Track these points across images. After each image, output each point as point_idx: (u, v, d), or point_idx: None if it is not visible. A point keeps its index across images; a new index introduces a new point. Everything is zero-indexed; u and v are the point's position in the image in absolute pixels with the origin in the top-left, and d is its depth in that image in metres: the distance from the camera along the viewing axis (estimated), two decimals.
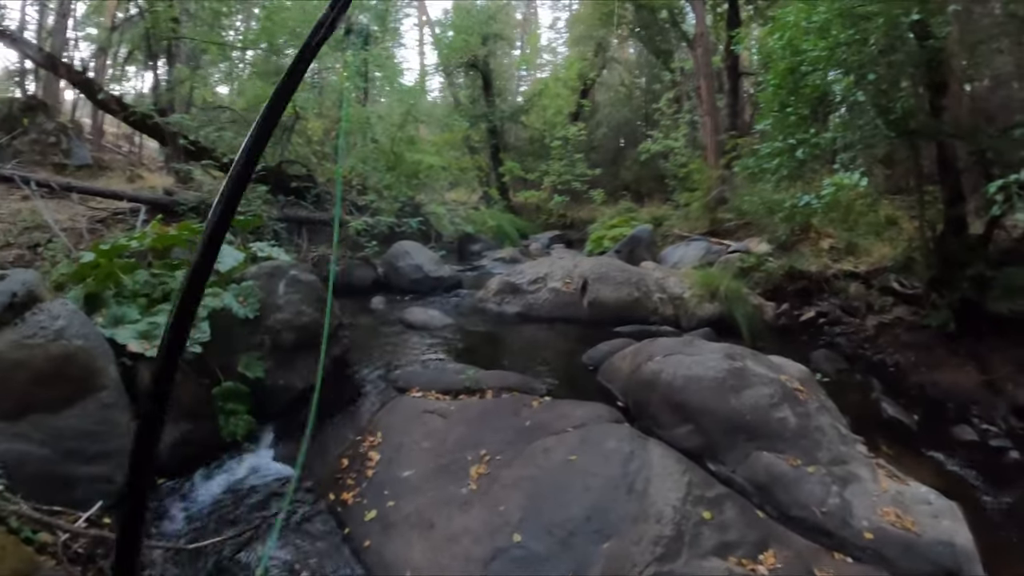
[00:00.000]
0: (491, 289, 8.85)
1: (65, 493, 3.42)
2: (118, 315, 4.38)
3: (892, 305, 7.58)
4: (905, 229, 7.89)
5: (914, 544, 3.56)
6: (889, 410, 5.79)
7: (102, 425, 3.84)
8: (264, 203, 9.75)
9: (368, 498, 3.93)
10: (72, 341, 3.80)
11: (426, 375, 5.54)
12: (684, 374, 4.84)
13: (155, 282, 4.88)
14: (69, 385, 3.76)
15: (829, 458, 4.23)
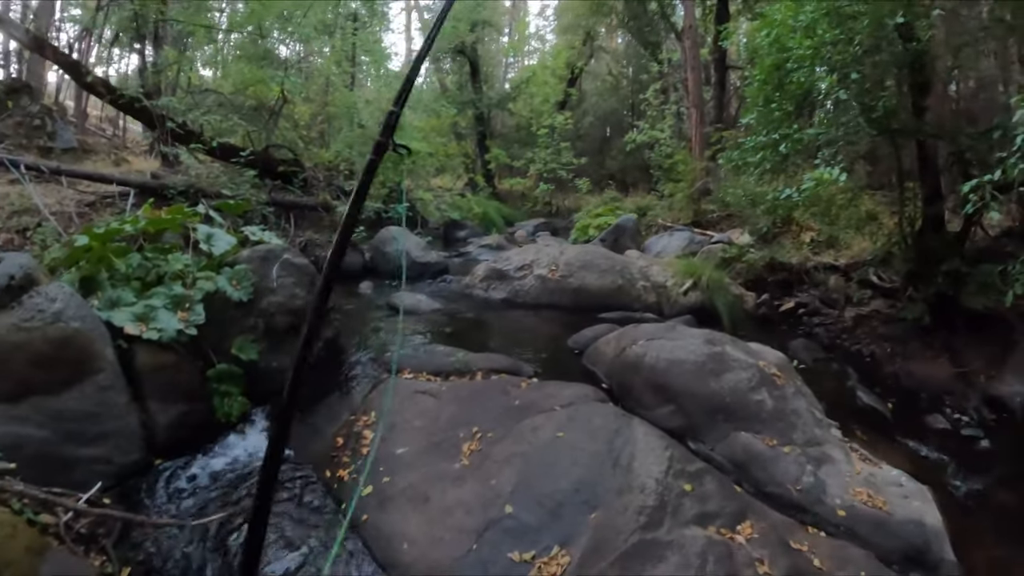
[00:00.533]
0: (478, 275, 8.98)
1: (64, 475, 3.47)
2: (113, 298, 4.44)
3: (870, 298, 7.76)
4: (885, 224, 8.06)
5: (885, 522, 3.78)
6: (864, 398, 6.00)
7: (100, 407, 3.91)
8: (252, 187, 9.75)
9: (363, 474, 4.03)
10: (70, 323, 3.87)
11: (417, 357, 5.67)
12: (667, 358, 5.07)
13: (148, 265, 4.95)
14: (67, 367, 3.83)
15: (804, 440, 4.48)
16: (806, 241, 9.47)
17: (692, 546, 3.18)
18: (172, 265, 4.98)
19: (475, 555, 3.26)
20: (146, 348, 4.30)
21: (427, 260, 10.12)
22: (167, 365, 4.39)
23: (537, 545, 3.26)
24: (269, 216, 9.52)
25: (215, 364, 4.75)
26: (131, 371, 4.22)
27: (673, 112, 16.94)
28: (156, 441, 4.19)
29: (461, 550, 3.29)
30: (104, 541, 3.25)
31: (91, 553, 3.17)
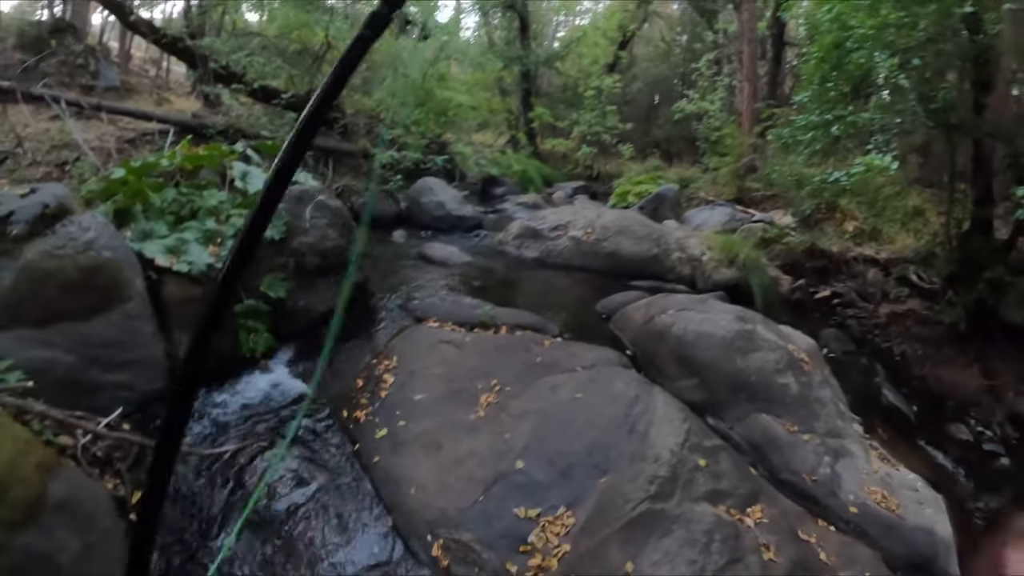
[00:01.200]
0: (511, 232, 8.89)
1: (88, 399, 3.53)
2: (147, 230, 4.50)
3: (907, 296, 7.56)
4: (931, 222, 7.78)
5: (896, 526, 3.70)
6: (890, 397, 5.85)
7: (127, 335, 3.97)
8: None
9: (380, 417, 4.09)
10: (101, 252, 3.92)
11: (443, 307, 5.66)
12: (695, 330, 4.96)
13: (183, 200, 4.97)
14: (97, 295, 3.88)
15: (825, 430, 4.38)
16: (849, 230, 9.17)
17: (700, 523, 3.13)
18: (207, 201, 4.99)
19: (481, 507, 3.27)
20: (175, 280, 4.35)
21: (462, 213, 10.05)
22: (195, 298, 4.41)
23: (544, 503, 3.25)
24: (308, 160, 9.50)
25: (243, 300, 4.78)
26: (159, 302, 4.28)
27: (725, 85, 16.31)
28: (176, 371, 4.18)
29: (468, 500, 3.31)
30: (119, 465, 3.31)
31: (106, 476, 3.23)
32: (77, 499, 2.73)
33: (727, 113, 15.07)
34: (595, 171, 17.70)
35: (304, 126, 1.19)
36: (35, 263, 3.69)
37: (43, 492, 2.57)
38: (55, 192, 4.04)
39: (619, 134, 17.41)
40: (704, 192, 12.73)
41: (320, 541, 3.32)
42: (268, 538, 3.30)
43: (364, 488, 3.68)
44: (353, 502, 3.59)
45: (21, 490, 2.50)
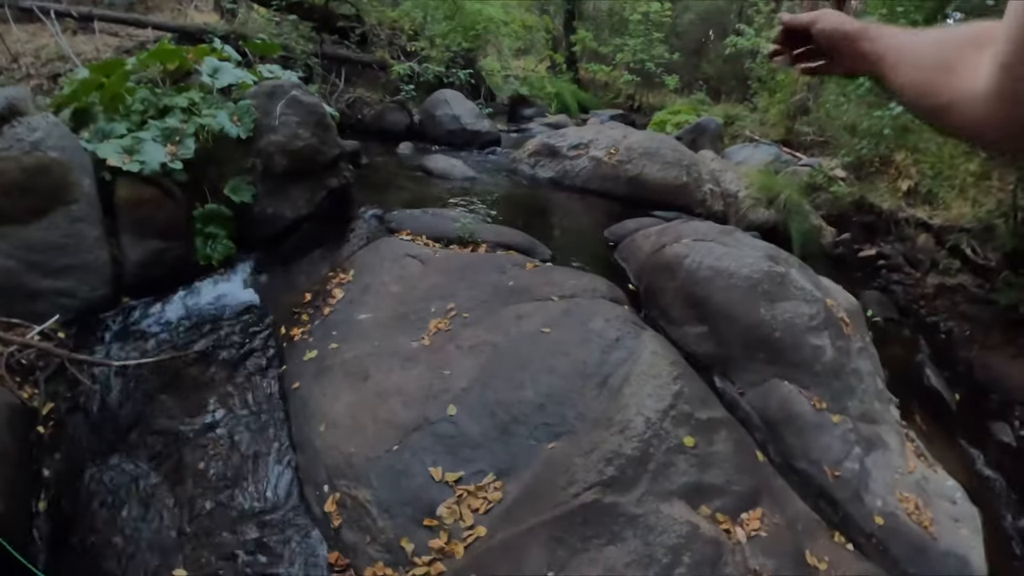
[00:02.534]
0: (527, 149, 7.99)
1: (27, 305, 3.45)
2: (105, 130, 4.22)
3: (958, 269, 6.85)
4: (993, 191, 7.00)
5: (926, 548, 2.96)
6: (931, 379, 5.15)
7: (70, 238, 3.78)
8: (303, 38, 9.24)
9: (315, 337, 3.51)
10: (48, 153, 3.71)
11: (422, 219, 4.96)
12: (712, 264, 4.03)
13: (154, 100, 4.60)
14: (40, 197, 3.69)
15: (860, 412, 3.55)
16: (902, 188, 8.31)
17: (666, 532, 2.34)
18: (177, 100, 4.62)
19: (391, 459, 2.59)
20: (128, 181, 4.03)
21: (477, 128, 9.22)
22: (147, 199, 4.13)
23: (469, 466, 2.55)
24: (315, 67, 8.99)
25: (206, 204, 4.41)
26: (110, 205, 4.00)
27: None
28: (125, 277, 3.97)
29: (378, 449, 2.64)
30: (39, 374, 3.17)
31: (24, 386, 3.09)
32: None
33: None
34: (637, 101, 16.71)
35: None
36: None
37: None
38: (7, 95, 3.85)
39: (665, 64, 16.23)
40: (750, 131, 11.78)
41: (212, 474, 2.88)
42: (162, 461, 2.95)
43: (277, 417, 3.12)
44: (262, 433, 3.05)
45: None
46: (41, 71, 7.13)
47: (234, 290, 4.27)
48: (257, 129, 4.71)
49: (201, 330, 3.82)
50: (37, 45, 7.65)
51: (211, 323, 3.89)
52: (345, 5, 10.36)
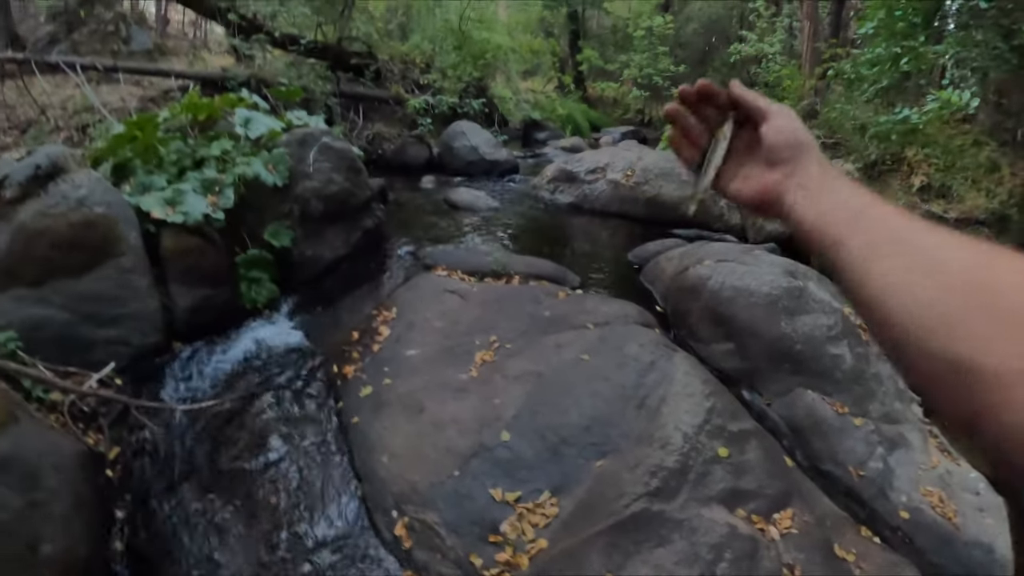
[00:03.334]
0: (546, 176, 8.25)
1: (83, 354, 3.54)
2: (146, 183, 4.38)
3: None
4: (1006, 180, 7.03)
5: (951, 539, 3.09)
6: None
7: (121, 289, 3.89)
8: (320, 79, 9.51)
9: (368, 374, 3.72)
10: (93, 208, 3.86)
11: (455, 254, 5.21)
12: (734, 284, 4.29)
13: (188, 151, 4.82)
14: (89, 251, 3.82)
15: (881, 413, 3.73)
16: (915, 184, 8.32)
17: (708, 533, 2.56)
18: (212, 150, 4.82)
19: (454, 484, 2.83)
20: (172, 232, 4.21)
21: (496, 158, 9.46)
22: (192, 249, 4.30)
23: (526, 485, 2.78)
24: (334, 107, 9.26)
25: (248, 250, 4.61)
26: (156, 255, 4.16)
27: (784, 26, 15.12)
28: (176, 324, 4.13)
29: (441, 475, 2.87)
30: (103, 420, 3.27)
31: (89, 432, 3.19)
32: (22, 456, 2.69)
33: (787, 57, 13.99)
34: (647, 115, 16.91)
35: None
36: (28, 223, 3.67)
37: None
38: (49, 153, 3.99)
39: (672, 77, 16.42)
40: None
41: (284, 506, 3.04)
42: (232, 498, 3.09)
43: (341, 451, 3.33)
44: (326, 466, 3.25)
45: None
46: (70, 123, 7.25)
47: (281, 331, 4.46)
48: (292, 176, 4.94)
49: (254, 371, 3.99)
50: (63, 96, 7.81)
51: (262, 364, 4.06)
52: (357, 43, 10.66)
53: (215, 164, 4.75)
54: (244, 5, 10.04)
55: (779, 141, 0.63)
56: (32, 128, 7.02)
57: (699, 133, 0.73)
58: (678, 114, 0.73)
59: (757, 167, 0.67)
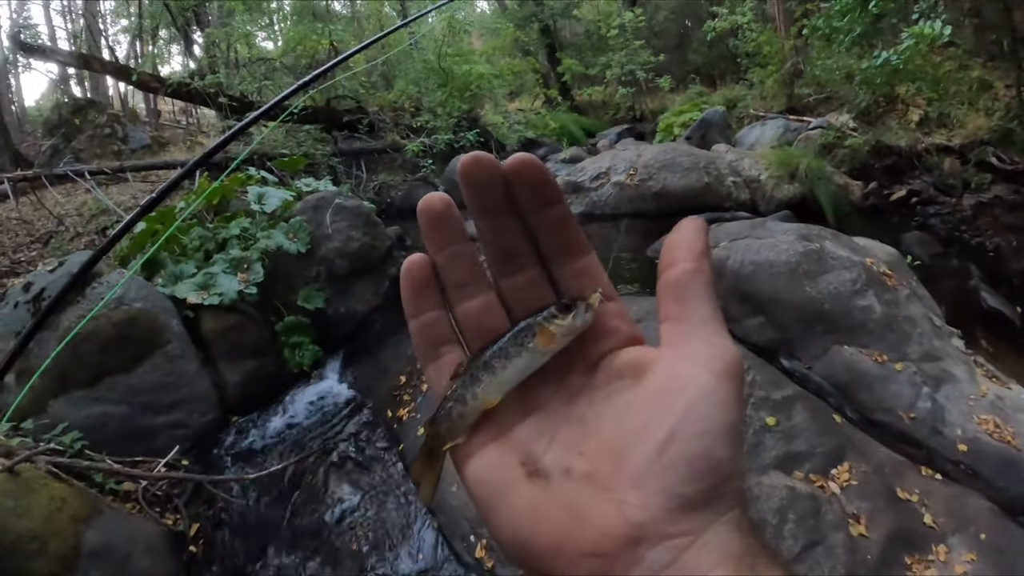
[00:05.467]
0: None
1: (145, 443, 3.72)
2: (176, 273, 4.64)
3: (990, 183, 6.88)
4: (1001, 96, 7.06)
5: (1013, 460, 3.12)
6: (989, 300, 5.19)
7: (172, 376, 4.11)
8: (316, 141, 9.87)
9: (422, 413, 3.88)
10: (133, 305, 4.10)
11: None
12: (752, 260, 4.37)
13: (209, 235, 5.08)
14: (136, 345, 4.05)
15: (920, 354, 3.76)
16: (914, 120, 8.35)
17: (769, 499, 2.65)
18: (232, 230, 5.08)
19: None
20: (211, 313, 4.44)
21: None
22: (232, 326, 4.53)
23: None
24: (337, 166, 9.61)
25: (284, 318, 4.83)
26: (199, 338, 4.37)
27: None
28: (229, 399, 4.34)
29: None
30: (177, 501, 3.42)
31: (166, 514, 3.33)
32: (113, 544, 2.89)
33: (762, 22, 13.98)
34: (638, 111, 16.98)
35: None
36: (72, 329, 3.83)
37: (78, 542, 2.75)
38: (80, 260, 4.26)
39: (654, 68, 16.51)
40: (753, 109, 11.92)
41: (366, 550, 3.22)
42: (315, 550, 3.27)
43: (409, 489, 3.50)
44: (398, 506, 3.43)
45: (57, 543, 2.68)
46: (88, 228, 7.43)
47: (331, 389, 4.67)
48: (313, 240, 5.20)
49: (312, 430, 4.19)
50: (76, 203, 8.07)
51: (319, 422, 4.27)
52: (346, 100, 11.01)
53: (238, 243, 4.97)
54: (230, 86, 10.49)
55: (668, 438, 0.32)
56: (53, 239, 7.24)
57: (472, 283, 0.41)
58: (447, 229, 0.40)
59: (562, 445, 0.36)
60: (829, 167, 7.80)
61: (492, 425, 0.37)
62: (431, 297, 0.40)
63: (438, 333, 0.41)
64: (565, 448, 0.35)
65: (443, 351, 0.40)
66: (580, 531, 0.31)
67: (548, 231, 0.38)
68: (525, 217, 0.38)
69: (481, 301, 0.39)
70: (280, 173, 7.26)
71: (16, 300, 4.09)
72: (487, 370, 0.37)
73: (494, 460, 0.36)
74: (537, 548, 0.32)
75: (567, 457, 0.35)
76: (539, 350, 0.37)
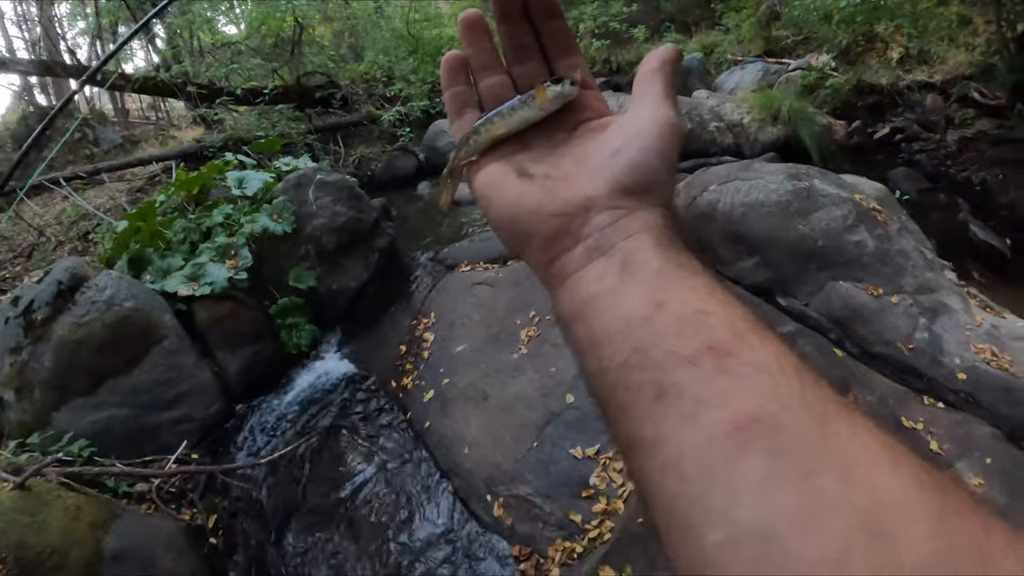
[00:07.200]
0: None
1: (153, 442, 3.68)
2: (164, 267, 4.54)
3: (974, 118, 6.93)
4: (982, 31, 7.08)
5: (1013, 387, 3.17)
6: (979, 233, 5.29)
7: (171, 371, 4.05)
8: (291, 120, 9.65)
9: (425, 379, 3.90)
10: (123, 305, 4.01)
11: (472, 248, 5.36)
12: (743, 201, 4.34)
13: (193, 226, 4.97)
14: (131, 345, 3.98)
15: (915, 286, 3.80)
16: (894, 58, 8.34)
17: None
18: (215, 218, 4.98)
19: (535, 454, 3.01)
20: (203, 304, 4.37)
21: None
22: (226, 314, 4.47)
23: (602, 437, 2.93)
24: (314, 144, 9.39)
25: (277, 300, 4.78)
26: (194, 330, 4.32)
27: None
28: (231, 388, 4.30)
29: (521, 450, 3.05)
30: (192, 495, 3.41)
31: (182, 509, 3.33)
32: (134, 546, 2.88)
33: None
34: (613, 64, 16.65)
35: None
36: (66, 337, 3.84)
37: (99, 549, 2.73)
38: (66, 267, 4.18)
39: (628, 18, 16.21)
40: (731, 53, 11.75)
41: (384, 521, 3.24)
42: (334, 528, 3.28)
43: (421, 456, 3.52)
44: (412, 474, 3.46)
45: (77, 552, 2.66)
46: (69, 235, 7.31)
47: (331, 366, 4.65)
48: (298, 219, 5.09)
49: (318, 409, 4.17)
50: (55, 212, 7.94)
51: (324, 400, 4.25)
52: (316, 76, 10.73)
53: (222, 230, 4.87)
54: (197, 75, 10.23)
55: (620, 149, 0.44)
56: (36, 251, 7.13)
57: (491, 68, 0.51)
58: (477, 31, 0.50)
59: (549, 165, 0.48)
60: (811, 108, 7.79)
61: (496, 152, 0.50)
62: (461, 75, 0.52)
63: (464, 99, 0.53)
64: (546, 165, 0.48)
65: (466, 112, 0.53)
66: (550, 201, 0.44)
67: (550, 35, 0.51)
68: (534, 24, 0.50)
69: (497, 79, 0.52)
70: (258, 156, 7.09)
71: (7, 316, 3.99)
72: (498, 115, 0.50)
73: (495, 169, 0.49)
74: (520, 215, 0.45)
75: (547, 169, 0.47)
76: (536, 106, 0.49)
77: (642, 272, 0.38)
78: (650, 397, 0.33)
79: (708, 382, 0.31)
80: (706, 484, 0.29)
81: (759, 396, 0.30)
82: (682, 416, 0.31)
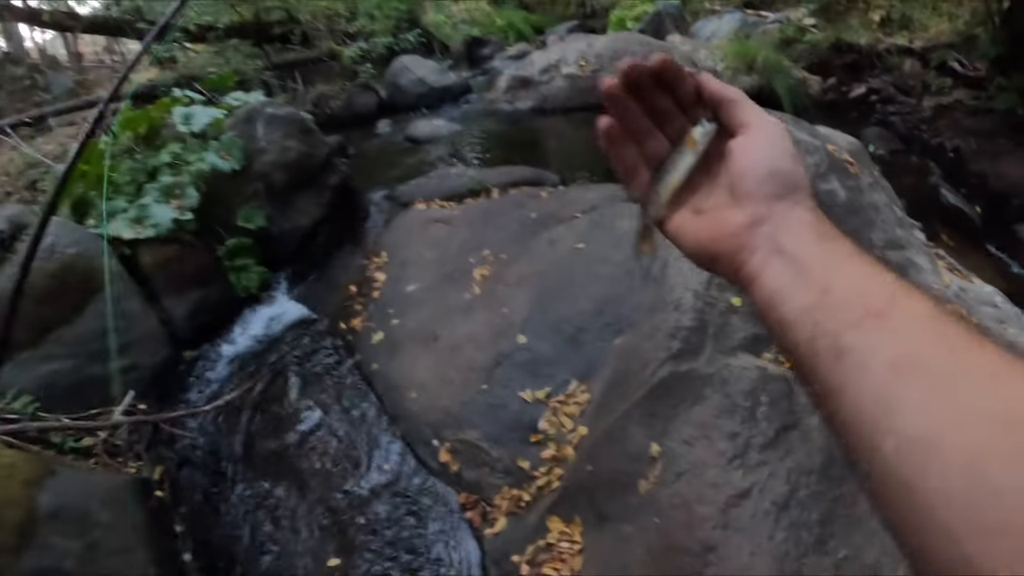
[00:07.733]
0: (500, 87, 8.09)
1: (101, 392, 3.53)
2: (108, 211, 4.31)
3: (951, 87, 7.01)
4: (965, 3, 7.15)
5: None
6: (949, 198, 5.23)
7: (116, 319, 3.81)
8: (247, 57, 9.26)
9: (375, 320, 3.72)
10: (66, 251, 3.84)
11: (429, 185, 5.13)
12: None
13: (139, 167, 4.72)
14: (74, 293, 3.82)
15: (884, 241, 3.67)
16: (876, 20, 8.30)
17: (738, 382, 2.50)
18: (162, 158, 4.73)
19: (484, 397, 2.85)
20: (148, 248, 4.19)
21: (445, 84, 9.14)
22: (172, 257, 4.29)
23: (552, 380, 2.80)
24: (270, 81, 9.01)
25: (225, 242, 4.57)
26: (139, 275, 4.15)
27: None
28: (179, 334, 4.14)
29: (469, 393, 2.90)
30: (137, 447, 3.30)
31: (128, 463, 3.22)
32: (70, 503, 2.73)
33: None
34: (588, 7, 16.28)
35: None
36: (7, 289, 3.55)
37: (33, 507, 2.59)
38: (5, 215, 4.06)
39: None
40: (709, 3, 11.55)
41: (330, 468, 3.09)
42: (280, 477, 3.14)
43: (369, 401, 3.35)
44: (360, 419, 3.29)
45: (12, 512, 2.52)
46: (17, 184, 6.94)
47: (281, 308, 4.48)
48: (247, 156, 4.85)
49: (267, 353, 4.02)
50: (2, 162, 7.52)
51: (273, 344, 4.09)
52: (275, 11, 10.29)
53: (169, 170, 4.64)
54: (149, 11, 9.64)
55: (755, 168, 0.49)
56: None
57: (645, 132, 0.55)
58: (619, 99, 0.53)
59: (714, 198, 0.52)
60: (787, 61, 7.71)
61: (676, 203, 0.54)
62: (618, 141, 0.56)
63: (629, 162, 0.56)
64: (714, 198, 0.52)
65: (638, 173, 0.56)
66: (724, 228, 0.50)
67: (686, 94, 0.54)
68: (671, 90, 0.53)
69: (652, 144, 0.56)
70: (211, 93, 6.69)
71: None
72: (666, 172, 0.54)
73: (676, 216, 0.54)
74: (704, 245, 0.51)
75: (714, 202, 0.52)
76: (691, 153, 0.53)
77: (810, 266, 0.45)
78: (832, 357, 0.39)
79: (870, 338, 0.38)
80: (879, 409, 0.35)
81: (909, 342, 0.36)
82: (855, 366, 0.37)
